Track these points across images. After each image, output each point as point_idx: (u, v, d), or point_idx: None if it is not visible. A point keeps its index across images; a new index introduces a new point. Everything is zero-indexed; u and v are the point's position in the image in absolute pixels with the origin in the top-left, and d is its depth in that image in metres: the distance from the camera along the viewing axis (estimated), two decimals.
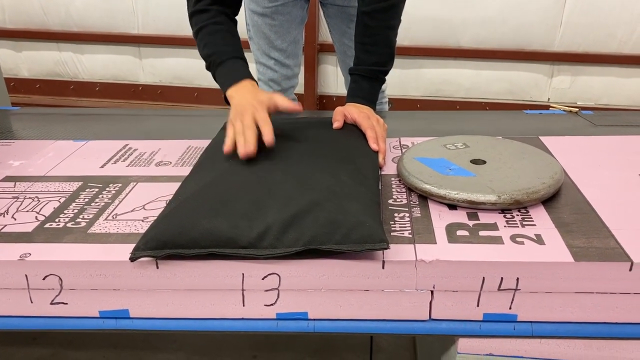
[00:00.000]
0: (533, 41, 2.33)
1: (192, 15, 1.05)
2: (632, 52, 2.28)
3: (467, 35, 2.35)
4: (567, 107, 1.34)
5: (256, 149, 0.83)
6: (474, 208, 0.77)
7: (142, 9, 2.51)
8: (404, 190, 0.85)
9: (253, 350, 1.19)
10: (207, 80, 2.63)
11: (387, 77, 1.17)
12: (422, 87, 2.48)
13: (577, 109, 1.32)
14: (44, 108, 1.60)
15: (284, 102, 0.92)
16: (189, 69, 2.61)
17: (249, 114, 0.87)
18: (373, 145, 0.94)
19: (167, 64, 2.63)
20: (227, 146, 0.85)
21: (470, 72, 2.42)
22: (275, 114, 0.91)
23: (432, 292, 0.68)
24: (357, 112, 1.01)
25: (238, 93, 0.95)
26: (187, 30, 1.08)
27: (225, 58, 1.00)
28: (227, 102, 0.97)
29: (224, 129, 1.04)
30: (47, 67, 2.74)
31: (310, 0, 1.44)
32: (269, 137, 0.84)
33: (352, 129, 1.01)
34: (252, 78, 0.99)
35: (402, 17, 1.12)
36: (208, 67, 1.04)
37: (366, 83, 1.08)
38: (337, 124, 0.99)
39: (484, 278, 0.66)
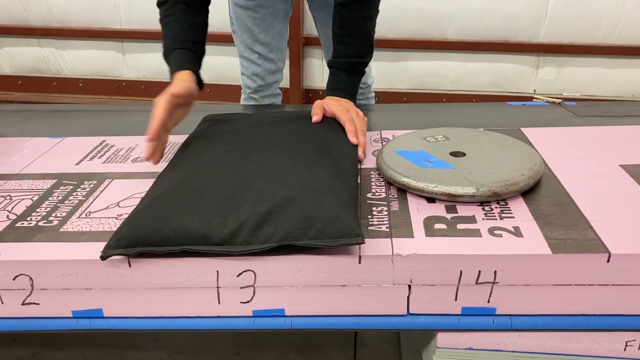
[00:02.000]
0: (518, 33, 2.32)
1: (157, 5, 1.04)
2: (616, 43, 2.28)
3: (453, 27, 2.34)
4: (550, 98, 1.33)
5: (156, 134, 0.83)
6: (452, 201, 0.76)
7: (124, 4, 2.48)
8: (383, 183, 0.84)
9: (236, 347, 1.17)
10: None
11: (373, 71, 1.17)
12: (408, 80, 2.47)
13: (560, 100, 1.32)
14: (21, 105, 1.57)
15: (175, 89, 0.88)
16: None
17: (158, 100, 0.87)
18: (352, 139, 0.93)
19: (151, 59, 2.59)
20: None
21: (456, 64, 2.41)
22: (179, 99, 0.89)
23: (409, 286, 0.67)
24: (336, 105, 1.00)
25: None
26: None
27: (168, 51, 0.99)
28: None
29: (202, 123, 1.03)
30: (29, 64, 2.70)
31: None
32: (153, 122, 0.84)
33: (331, 122, 0.99)
34: (185, 68, 0.94)
35: (388, 10, 1.11)
36: (165, 57, 1.02)
37: (345, 76, 1.06)
38: (315, 118, 0.98)
39: (461, 271, 0.65)
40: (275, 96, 1.50)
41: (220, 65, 2.52)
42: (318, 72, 2.53)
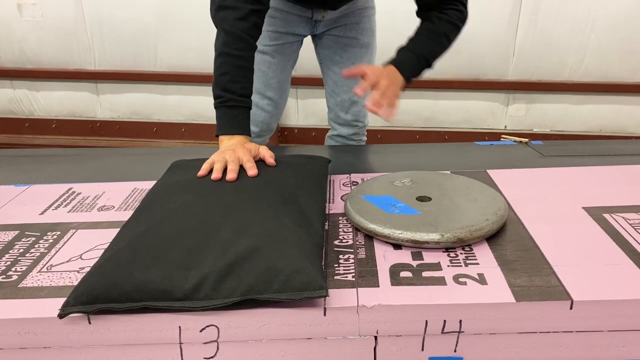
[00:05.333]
0: (487, 71, 2.38)
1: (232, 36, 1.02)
2: (582, 80, 2.35)
3: None
4: (517, 138, 1.36)
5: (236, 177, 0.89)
6: (418, 247, 0.76)
7: (98, 45, 2.48)
8: (350, 229, 0.84)
9: None
10: (165, 114, 2.63)
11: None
12: (381, 118, 2.50)
13: (527, 140, 1.34)
14: None
15: (268, 157, 0.97)
16: (148, 104, 2.58)
17: (237, 153, 0.94)
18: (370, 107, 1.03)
19: (125, 100, 2.59)
20: (203, 170, 0.92)
21: (428, 102, 2.45)
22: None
23: (375, 337, 0.66)
24: (376, 69, 1.09)
25: (231, 140, 1.00)
26: (144, 66, 1.07)
27: (236, 104, 1.02)
28: (217, 136, 1.03)
29: (170, 170, 1.02)
30: (1, 105, 2.67)
31: None
32: (253, 172, 0.91)
33: (301, 164, 1.00)
34: (248, 134, 1.03)
35: None
36: (217, 95, 1.03)
37: (410, 55, 1.14)
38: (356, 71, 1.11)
39: (426, 321, 0.65)
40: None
41: (197, 104, 2.53)
42: (293, 110, 2.55)
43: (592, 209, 0.87)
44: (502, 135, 1.40)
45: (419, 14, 1.22)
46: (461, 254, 0.75)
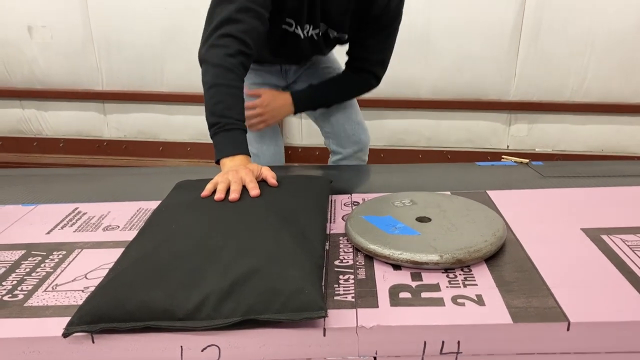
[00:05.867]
0: (489, 91, 2.40)
1: (219, 61, 1.08)
2: (583, 101, 2.37)
3: (426, 86, 2.42)
4: (517, 159, 1.37)
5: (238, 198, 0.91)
6: (417, 268, 0.77)
7: (106, 66, 2.53)
8: (351, 250, 0.85)
9: None
10: (171, 134, 2.66)
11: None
12: (384, 138, 2.52)
13: (527, 160, 1.36)
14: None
15: (270, 177, 0.99)
16: (154, 123, 2.61)
17: (239, 174, 0.96)
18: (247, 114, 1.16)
19: (132, 119, 2.63)
20: (206, 190, 0.94)
21: (430, 122, 2.48)
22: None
23: (375, 358, 0.67)
24: (270, 93, 1.38)
25: (232, 161, 1.02)
26: (150, 86, 1.09)
27: (234, 127, 1.06)
28: (218, 162, 1.05)
29: (174, 190, 1.04)
30: (10, 125, 2.71)
31: None
32: (255, 192, 0.93)
33: (302, 184, 1.01)
34: (248, 154, 1.06)
35: None
36: (213, 123, 1.07)
37: (311, 95, 1.41)
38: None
39: (425, 342, 0.66)
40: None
41: (202, 124, 2.55)
42: (297, 130, 2.58)
43: (591, 230, 0.88)
44: (503, 156, 1.41)
45: (347, 57, 1.43)
46: (460, 274, 0.76)
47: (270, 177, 0.99)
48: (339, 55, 1.50)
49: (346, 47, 1.41)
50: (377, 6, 1.25)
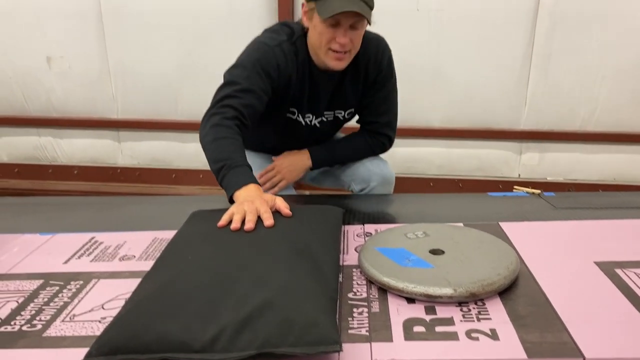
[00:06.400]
0: (500, 120, 2.42)
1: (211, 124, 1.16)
2: (594, 130, 2.37)
3: (437, 115, 2.44)
4: (529, 190, 1.38)
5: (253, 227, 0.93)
6: (431, 301, 0.78)
7: (121, 95, 2.58)
8: (364, 282, 0.86)
9: None
10: (184, 162, 2.69)
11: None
12: (395, 165, 2.51)
13: (539, 191, 1.36)
14: (15, 198, 1.60)
15: (283, 208, 1.00)
16: (167, 151, 2.65)
17: (254, 204, 0.98)
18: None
19: (146, 147, 2.67)
20: (222, 221, 0.95)
21: (441, 150, 2.49)
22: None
23: None
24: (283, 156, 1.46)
25: (245, 192, 1.04)
26: (164, 115, 1.12)
27: (240, 164, 1.10)
28: (231, 202, 1.06)
29: (189, 220, 1.05)
30: (26, 152, 2.77)
31: None
32: (269, 222, 0.94)
33: (315, 215, 1.02)
34: (257, 183, 1.09)
35: None
36: (219, 168, 1.10)
37: (328, 154, 1.48)
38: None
39: None
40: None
41: None
42: None
43: (604, 263, 0.88)
44: (515, 187, 1.42)
45: (358, 120, 1.51)
46: (474, 308, 0.76)
47: (284, 208, 1.00)
48: None
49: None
50: (372, 70, 1.37)
